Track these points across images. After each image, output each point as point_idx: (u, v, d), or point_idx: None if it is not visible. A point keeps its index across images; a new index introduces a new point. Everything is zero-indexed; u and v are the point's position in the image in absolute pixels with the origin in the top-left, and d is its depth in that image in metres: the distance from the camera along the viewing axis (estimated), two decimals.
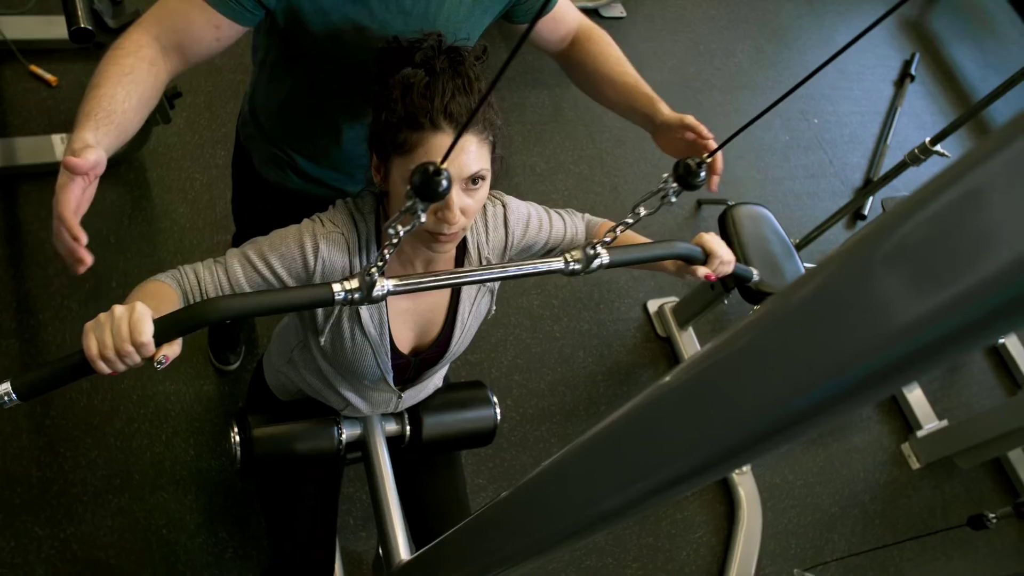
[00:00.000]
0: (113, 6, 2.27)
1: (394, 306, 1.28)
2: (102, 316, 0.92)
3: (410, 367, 1.40)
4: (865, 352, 0.41)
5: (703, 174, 0.99)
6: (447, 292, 1.34)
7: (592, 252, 1.12)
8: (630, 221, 1.04)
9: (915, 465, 3.15)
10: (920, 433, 3.16)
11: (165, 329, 0.93)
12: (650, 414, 0.60)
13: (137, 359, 0.92)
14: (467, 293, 1.34)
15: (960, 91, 4.78)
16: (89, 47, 2.12)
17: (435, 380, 1.55)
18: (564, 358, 2.83)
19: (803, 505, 2.87)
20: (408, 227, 0.82)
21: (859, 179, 4.01)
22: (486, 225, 1.32)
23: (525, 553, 0.80)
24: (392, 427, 1.56)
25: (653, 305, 3.08)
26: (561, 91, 3.53)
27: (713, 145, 1.31)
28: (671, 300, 3.08)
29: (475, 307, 1.36)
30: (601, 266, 1.13)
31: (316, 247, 1.16)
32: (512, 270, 1.10)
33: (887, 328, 0.39)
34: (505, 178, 3.16)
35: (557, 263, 1.12)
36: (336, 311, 1.24)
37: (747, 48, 4.21)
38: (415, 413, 1.55)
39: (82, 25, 1.60)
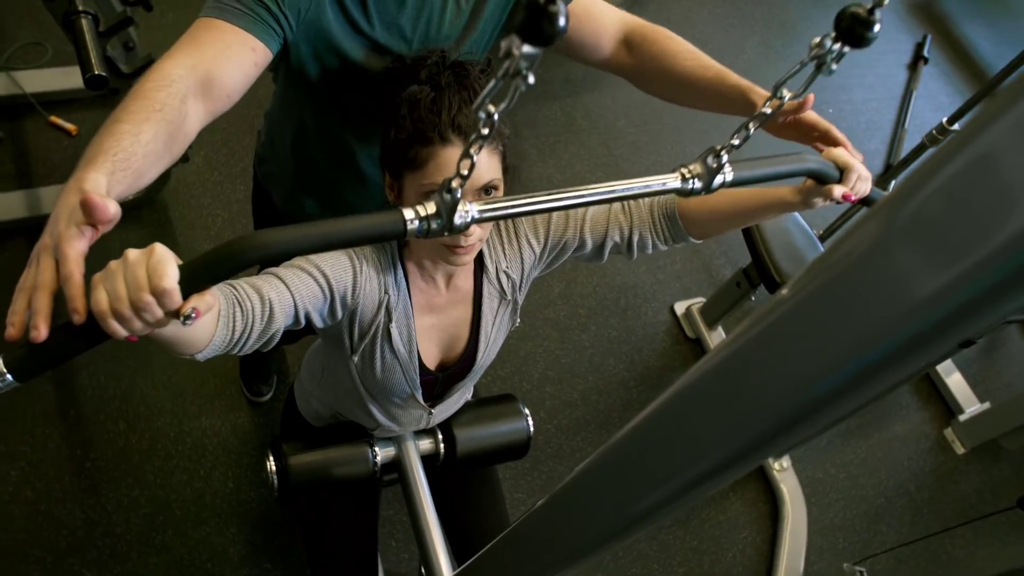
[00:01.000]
0: (126, 52, 2.32)
1: (419, 322, 1.29)
2: (113, 263, 0.73)
3: (438, 383, 1.40)
4: (889, 327, 0.41)
5: (877, 25, 0.74)
6: (469, 306, 1.34)
7: (715, 164, 0.89)
8: (768, 111, 0.83)
9: (960, 450, 3.10)
10: (962, 417, 3.10)
11: (194, 273, 0.73)
12: (679, 407, 0.60)
13: (158, 313, 0.72)
14: (488, 306, 1.34)
15: (975, 69, 4.73)
16: (105, 94, 2.17)
17: (464, 395, 1.55)
18: (595, 366, 2.82)
19: (848, 498, 2.82)
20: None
21: (879, 165, 3.97)
22: (501, 239, 1.32)
23: (567, 559, 0.80)
24: (426, 445, 1.56)
25: (680, 307, 3.06)
26: (572, 101, 3.54)
27: (810, 117, 1.20)
28: (698, 301, 3.06)
29: (498, 320, 1.36)
30: (724, 184, 0.91)
31: (360, 261, 1.17)
32: (619, 190, 0.87)
33: (909, 301, 0.39)
34: (523, 192, 3.16)
35: (672, 180, 0.90)
36: (371, 332, 1.24)
37: (755, 44, 4.20)
38: (448, 430, 1.55)
39: (96, 72, 1.63)
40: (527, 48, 0.52)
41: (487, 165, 1.10)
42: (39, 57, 2.83)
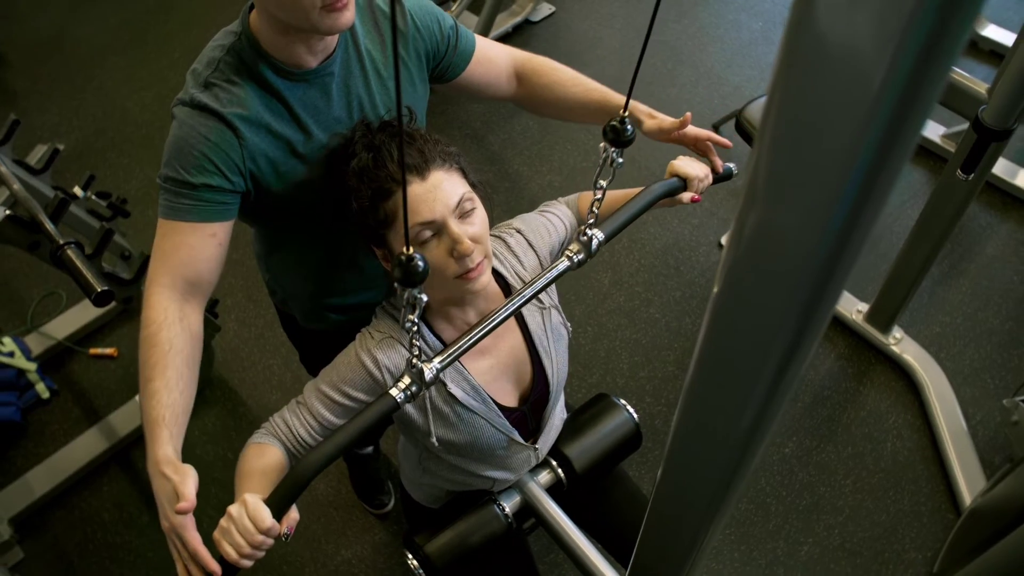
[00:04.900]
0: (124, 260, 2.40)
1: (476, 367, 1.28)
2: (223, 522, 0.99)
3: (527, 416, 1.39)
4: (864, 125, 0.38)
5: (630, 128, 1.02)
6: (517, 331, 1.33)
7: (586, 237, 1.14)
8: (600, 196, 1.09)
9: None
10: None
11: (278, 505, 1.00)
12: (728, 300, 0.57)
13: (270, 543, 0.99)
14: (534, 322, 1.33)
15: None
16: (123, 307, 2.24)
17: (557, 417, 1.53)
18: (675, 332, 2.78)
19: (976, 337, 2.70)
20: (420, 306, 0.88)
21: None
22: (515, 254, 1.32)
23: (709, 508, 0.77)
24: (546, 478, 1.54)
25: (727, 239, 3.00)
26: None
27: (689, 132, 1.39)
28: None
29: (548, 331, 1.35)
30: (600, 244, 1.15)
31: (375, 360, 1.19)
32: (528, 292, 1.11)
33: (868, 90, 0.37)
34: (531, 207, 3.15)
35: (563, 264, 1.14)
36: (428, 405, 1.25)
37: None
38: (558, 454, 1.53)
39: (98, 290, 1.69)
40: (413, 292, 0.83)
41: (450, 184, 1.12)
42: (57, 304, 2.94)
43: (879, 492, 2.37)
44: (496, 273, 1.31)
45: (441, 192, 1.10)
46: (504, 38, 3.79)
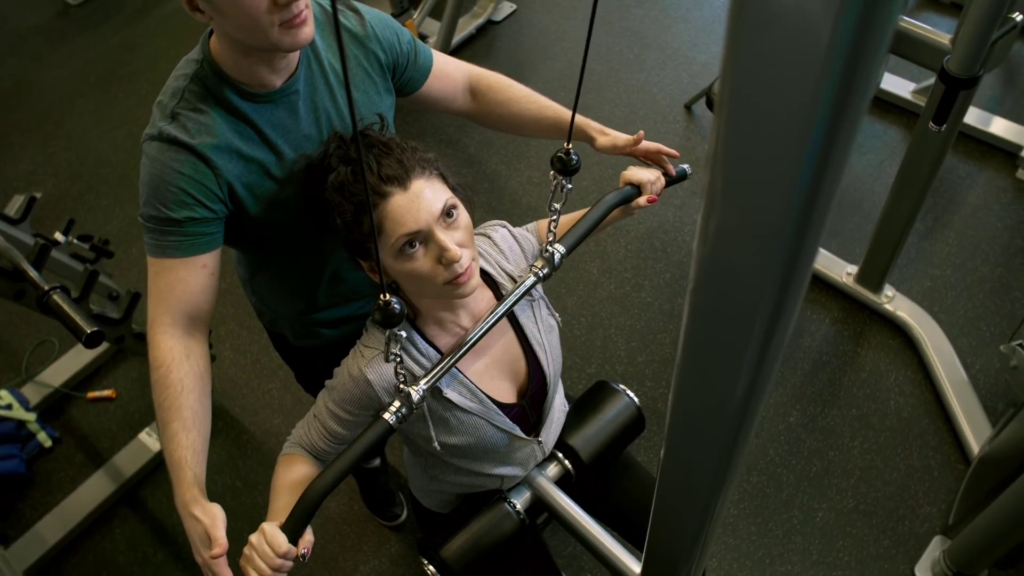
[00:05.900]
0: (112, 301, 2.39)
1: (471, 369, 1.28)
2: (246, 550, 1.08)
3: (526, 412, 1.39)
4: (819, 81, 0.39)
5: (575, 158, 1.13)
6: (508, 327, 1.33)
7: (548, 253, 1.23)
8: (556, 218, 1.21)
9: None
10: None
11: (292, 530, 1.09)
12: (708, 273, 0.57)
13: (289, 565, 1.08)
14: (525, 316, 1.33)
15: None
16: (114, 346, 2.23)
17: (558, 409, 1.53)
18: (668, 313, 2.78)
19: (967, 287, 2.72)
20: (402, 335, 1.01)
21: None
22: (501, 251, 1.32)
23: (716, 481, 0.78)
24: (554, 471, 1.54)
25: None
26: None
27: (641, 147, 1.44)
28: None
29: (539, 323, 1.35)
30: (563, 257, 1.24)
31: (365, 379, 1.19)
32: (501, 309, 1.19)
33: (816, 50, 0.37)
34: (514, 205, 3.17)
35: (530, 279, 1.22)
36: (427, 414, 1.26)
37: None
38: (563, 446, 1.53)
39: (88, 331, 1.68)
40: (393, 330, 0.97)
41: (432, 192, 1.12)
42: (50, 352, 2.93)
43: (887, 451, 2.38)
44: (482, 272, 1.31)
45: (424, 200, 1.10)
46: (468, 40, 3.79)
